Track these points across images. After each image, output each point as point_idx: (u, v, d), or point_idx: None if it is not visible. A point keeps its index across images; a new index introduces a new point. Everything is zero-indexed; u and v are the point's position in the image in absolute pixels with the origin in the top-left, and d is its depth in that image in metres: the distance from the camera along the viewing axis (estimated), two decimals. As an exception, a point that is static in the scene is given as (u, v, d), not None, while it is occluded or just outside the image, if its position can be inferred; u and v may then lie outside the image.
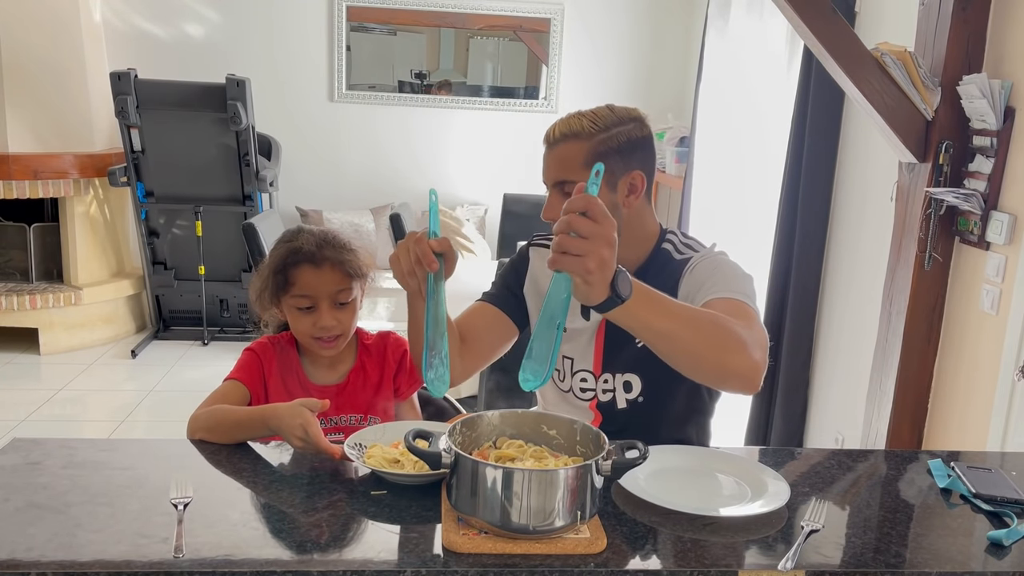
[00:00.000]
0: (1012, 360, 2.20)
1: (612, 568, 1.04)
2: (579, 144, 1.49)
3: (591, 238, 1.07)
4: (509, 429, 1.25)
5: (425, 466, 1.16)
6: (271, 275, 1.61)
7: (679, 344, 1.23)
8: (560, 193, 1.52)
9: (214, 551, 1.04)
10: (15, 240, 4.75)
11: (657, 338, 1.23)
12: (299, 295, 1.59)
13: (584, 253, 1.07)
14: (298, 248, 1.60)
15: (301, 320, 1.60)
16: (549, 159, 1.54)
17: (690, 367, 1.29)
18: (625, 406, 1.59)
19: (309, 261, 1.59)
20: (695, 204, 4.51)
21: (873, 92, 2.34)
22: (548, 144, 1.54)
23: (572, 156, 1.50)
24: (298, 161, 5.24)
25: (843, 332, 3.14)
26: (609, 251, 1.09)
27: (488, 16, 5.22)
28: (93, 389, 4.18)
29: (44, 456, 1.30)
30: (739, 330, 1.28)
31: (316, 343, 1.61)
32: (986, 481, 1.31)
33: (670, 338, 1.23)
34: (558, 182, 1.52)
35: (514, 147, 5.37)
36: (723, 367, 1.27)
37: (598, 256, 1.08)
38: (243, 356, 1.65)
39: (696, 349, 1.24)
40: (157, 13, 5.01)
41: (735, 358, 1.26)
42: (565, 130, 1.51)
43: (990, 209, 2.29)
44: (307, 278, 1.59)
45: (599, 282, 1.10)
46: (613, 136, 1.50)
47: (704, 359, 1.26)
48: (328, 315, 1.59)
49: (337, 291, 1.60)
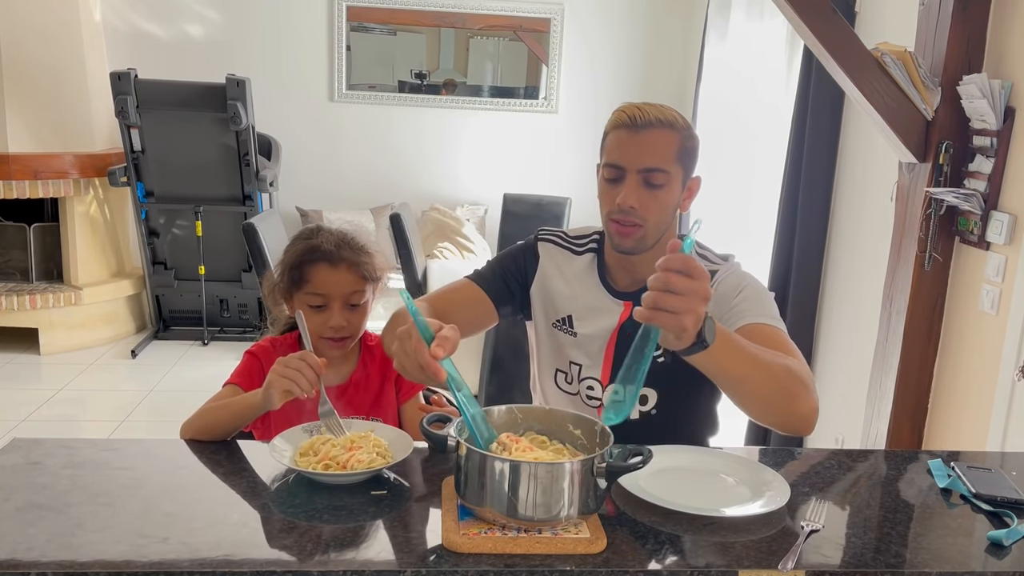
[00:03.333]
0: (1012, 360, 2.20)
1: (612, 568, 1.04)
2: (673, 134, 1.46)
3: (688, 295, 1.07)
4: (536, 424, 1.25)
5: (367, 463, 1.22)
6: (287, 270, 1.61)
7: (751, 388, 1.25)
8: (643, 181, 1.46)
9: (214, 551, 1.04)
10: (15, 240, 4.75)
11: (732, 382, 1.25)
12: (312, 293, 1.59)
13: (680, 311, 1.07)
14: (316, 246, 1.60)
15: (311, 318, 1.59)
16: (634, 142, 1.46)
17: (758, 412, 1.31)
18: (638, 417, 1.57)
19: (326, 260, 1.59)
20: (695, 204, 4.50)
21: (873, 92, 2.34)
22: (633, 126, 1.46)
23: (666, 144, 1.46)
24: (298, 161, 5.24)
25: (843, 332, 3.14)
26: (703, 307, 1.09)
27: (488, 16, 5.22)
28: (93, 389, 4.18)
29: (44, 456, 1.30)
30: (803, 374, 1.29)
31: (324, 342, 1.60)
32: (986, 481, 1.31)
33: (744, 383, 1.24)
34: (647, 168, 1.45)
35: (514, 147, 5.37)
36: (790, 414, 1.28)
37: (695, 314, 1.08)
38: (243, 360, 1.64)
39: (767, 396, 1.26)
40: (157, 13, 5.02)
41: (802, 405, 1.27)
42: (660, 116, 1.45)
43: (990, 209, 2.29)
44: (323, 277, 1.59)
45: (691, 336, 1.10)
46: (692, 136, 1.51)
47: (773, 406, 1.27)
48: (339, 315, 1.59)
49: (351, 292, 1.60)
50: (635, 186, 1.46)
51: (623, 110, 1.48)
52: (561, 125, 5.33)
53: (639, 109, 1.46)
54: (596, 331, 1.58)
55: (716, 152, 4.31)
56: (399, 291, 1.25)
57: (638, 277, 1.57)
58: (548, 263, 1.65)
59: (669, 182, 1.47)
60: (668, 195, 1.48)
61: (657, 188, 1.47)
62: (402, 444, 1.32)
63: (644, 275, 1.57)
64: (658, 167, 1.45)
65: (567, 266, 1.64)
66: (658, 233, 1.51)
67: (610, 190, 1.49)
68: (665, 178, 1.46)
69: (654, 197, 1.47)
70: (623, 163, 1.47)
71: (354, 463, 1.23)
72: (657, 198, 1.47)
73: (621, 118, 1.47)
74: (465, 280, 1.63)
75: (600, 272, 1.62)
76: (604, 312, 1.58)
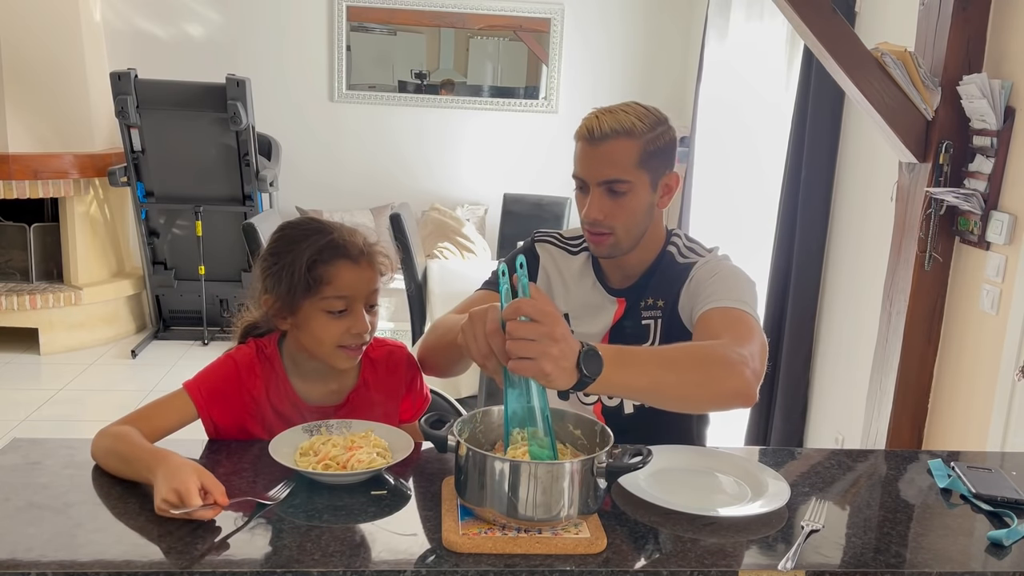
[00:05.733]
0: (1012, 360, 2.20)
1: (612, 568, 1.04)
2: (631, 142, 1.45)
3: (538, 339, 1.06)
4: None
5: (367, 463, 1.21)
6: (295, 274, 1.36)
7: (666, 392, 1.22)
8: (606, 191, 1.47)
9: (214, 551, 1.04)
10: (15, 240, 4.75)
11: (642, 395, 1.24)
12: (334, 296, 1.36)
13: (535, 356, 1.06)
14: (334, 242, 1.38)
15: (330, 326, 1.37)
16: (593, 155, 1.46)
17: (684, 407, 1.30)
18: (632, 411, 1.58)
19: (346, 256, 1.37)
20: (695, 204, 4.51)
21: (873, 92, 2.34)
22: (591, 139, 1.46)
23: (624, 154, 1.45)
24: (298, 161, 5.24)
25: (843, 332, 3.14)
26: (558, 347, 1.07)
27: (488, 16, 5.22)
28: (93, 389, 4.18)
29: (44, 456, 1.30)
30: (724, 351, 1.26)
31: (341, 352, 1.39)
32: (986, 481, 1.31)
33: (655, 391, 1.22)
34: (607, 180, 1.46)
35: (514, 147, 5.37)
36: (715, 396, 1.26)
37: (549, 357, 1.06)
38: (218, 368, 1.43)
39: (684, 391, 1.23)
40: (157, 13, 5.01)
41: (725, 384, 1.24)
42: (615, 126, 1.44)
43: (990, 209, 2.29)
44: (346, 276, 1.37)
45: (560, 375, 1.08)
46: (659, 136, 1.48)
47: (694, 397, 1.25)
48: (364, 318, 1.38)
49: (372, 291, 1.41)
50: (598, 198, 1.48)
51: (585, 121, 1.49)
52: (561, 125, 5.32)
53: (598, 120, 1.46)
54: (592, 328, 1.59)
55: (716, 152, 4.31)
56: (517, 260, 1.22)
57: (629, 273, 1.59)
58: (548, 262, 1.67)
59: (632, 189, 1.48)
60: (634, 201, 1.49)
61: (621, 196, 1.48)
62: (402, 444, 1.31)
63: (634, 271, 1.59)
64: (617, 178, 1.46)
65: (564, 265, 1.66)
66: (633, 237, 1.52)
67: (580, 199, 1.53)
68: (627, 187, 1.47)
69: (619, 205, 1.48)
70: (584, 176, 1.49)
71: (354, 463, 1.23)
72: (622, 206, 1.48)
73: (582, 130, 1.49)
74: (483, 291, 1.65)
75: (595, 270, 1.63)
76: (600, 310, 1.61)
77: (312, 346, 1.40)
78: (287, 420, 1.40)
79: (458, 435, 1.12)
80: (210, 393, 1.40)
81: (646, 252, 1.58)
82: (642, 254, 1.57)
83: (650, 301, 1.57)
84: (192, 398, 1.39)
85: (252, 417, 1.43)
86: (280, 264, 1.39)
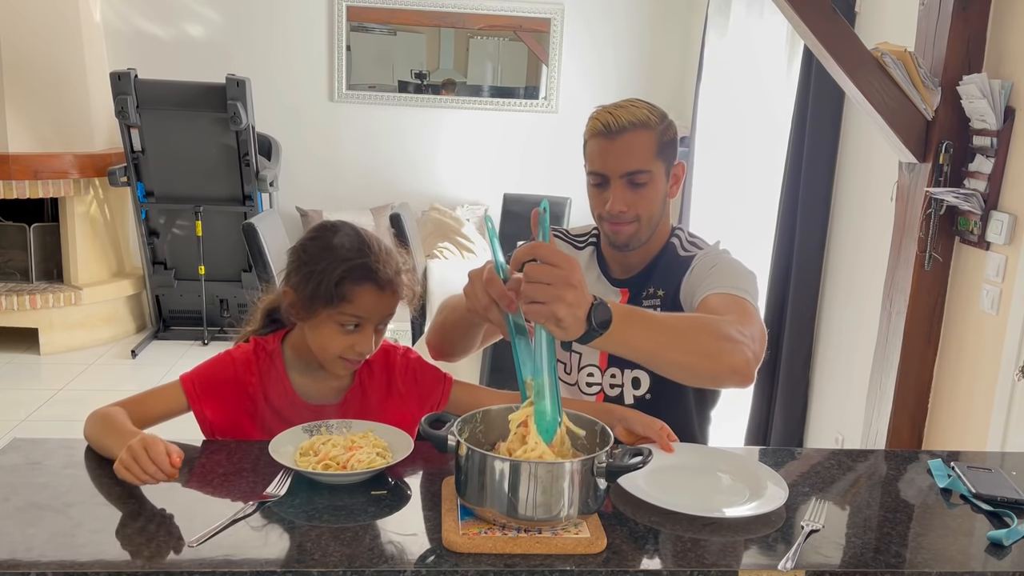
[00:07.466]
0: (1012, 360, 2.20)
1: (612, 568, 1.04)
2: (648, 133, 1.51)
3: (554, 283, 1.06)
4: None
5: (367, 463, 1.22)
6: (323, 284, 1.38)
7: (668, 357, 1.23)
8: (628, 184, 1.51)
9: (214, 551, 1.04)
10: (15, 240, 4.75)
11: (645, 356, 1.24)
12: (351, 314, 1.39)
13: (549, 300, 1.06)
14: (370, 268, 1.39)
15: (336, 338, 1.40)
16: (612, 149, 1.51)
17: (683, 376, 1.30)
18: (632, 402, 1.59)
19: (375, 283, 1.40)
20: (695, 204, 4.51)
21: (873, 92, 2.34)
22: (609, 134, 1.50)
23: (643, 145, 1.51)
24: (298, 161, 5.24)
25: (843, 332, 3.14)
26: (573, 292, 1.06)
27: (488, 16, 5.22)
28: (93, 389, 4.18)
29: (44, 456, 1.30)
30: (727, 328, 1.28)
31: (340, 362, 1.43)
32: (986, 481, 1.31)
33: (657, 354, 1.22)
34: (629, 172, 1.51)
35: (514, 147, 5.37)
36: (715, 370, 1.27)
37: (564, 302, 1.06)
38: (217, 364, 1.45)
39: (685, 359, 1.24)
40: (157, 13, 5.02)
41: (726, 359, 1.26)
42: (631, 119, 1.50)
43: (990, 209, 2.29)
44: (368, 301, 1.39)
45: (572, 323, 1.07)
46: (667, 127, 1.55)
47: (694, 367, 1.25)
48: (370, 340, 1.42)
49: (387, 316, 1.44)
50: (621, 190, 1.52)
51: (597, 117, 1.53)
52: (561, 125, 5.32)
53: (612, 115, 1.51)
54: None
55: (716, 151, 4.31)
56: (485, 217, 1.23)
57: (633, 264, 1.64)
58: None
59: (653, 179, 1.53)
60: (654, 190, 1.54)
61: (642, 187, 1.52)
62: (402, 444, 1.32)
63: (639, 263, 1.62)
64: (639, 168, 1.51)
65: None
66: (652, 225, 1.57)
67: (598, 195, 1.56)
68: (648, 177, 1.52)
69: (641, 195, 1.53)
70: (605, 171, 1.53)
71: (354, 463, 1.23)
72: (644, 195, 1.53)
73: (596, 126, 1.52)
74: None
75: (600, 264, 1.68)
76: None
77: (316, 349, 1.44)
78: (283, 418, 1.42)
79: (458, 435, 1.12)
80: (204, 388, 1.43)
81: (651, 244, 1.61)
82: (648, 246, 1.60)
83: (652, 291, 1.60)
84: (185, 390, 1.43)
85: (248, 414, 1.44)
86: (310, 269, 1.41)
